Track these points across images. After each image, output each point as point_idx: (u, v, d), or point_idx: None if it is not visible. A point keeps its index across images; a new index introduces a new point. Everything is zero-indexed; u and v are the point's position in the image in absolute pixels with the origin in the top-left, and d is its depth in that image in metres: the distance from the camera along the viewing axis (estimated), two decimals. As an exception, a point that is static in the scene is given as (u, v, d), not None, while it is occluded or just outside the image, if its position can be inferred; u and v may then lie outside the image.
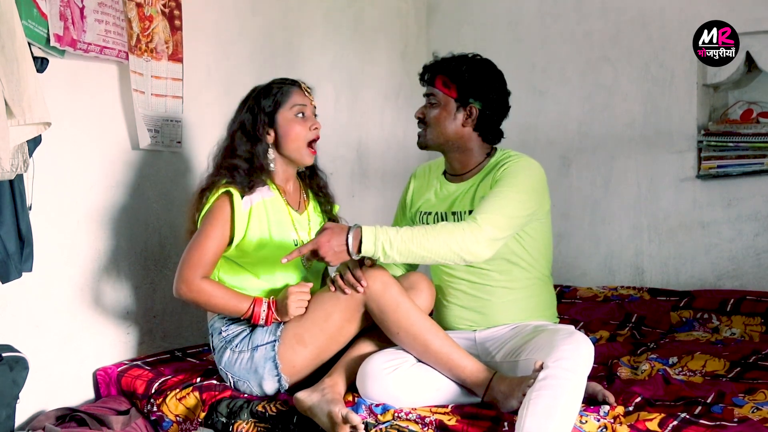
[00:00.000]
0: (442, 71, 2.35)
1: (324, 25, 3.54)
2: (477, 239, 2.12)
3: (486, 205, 2.19)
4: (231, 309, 2.26)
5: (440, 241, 2.10)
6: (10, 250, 2.14)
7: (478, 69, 2.35)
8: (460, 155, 2.40)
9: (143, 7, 2.63)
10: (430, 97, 2.38)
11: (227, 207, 2.27)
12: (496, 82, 2.36)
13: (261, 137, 2.34)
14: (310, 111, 2.39)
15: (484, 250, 2.14)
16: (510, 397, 2.04)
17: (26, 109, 2.07)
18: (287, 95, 2.36)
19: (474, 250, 2.12)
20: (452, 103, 2.34)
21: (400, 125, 3.97)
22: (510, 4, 3.98)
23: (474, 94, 2.33)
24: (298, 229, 2.40)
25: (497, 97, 2.35)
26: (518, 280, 2.34)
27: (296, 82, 2.40)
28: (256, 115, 2.34)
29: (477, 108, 2.33)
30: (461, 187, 2.40)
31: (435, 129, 2.36)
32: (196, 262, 2.23)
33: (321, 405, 2.07)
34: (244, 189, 2.29)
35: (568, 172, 3.82)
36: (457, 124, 2.35)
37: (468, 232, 2.12)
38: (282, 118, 2.35)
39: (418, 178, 2.56)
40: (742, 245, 3.45)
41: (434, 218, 2.41)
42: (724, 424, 1.98)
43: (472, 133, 2.36)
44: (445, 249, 2.11)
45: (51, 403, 2.40)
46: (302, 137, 2.36)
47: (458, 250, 2.11)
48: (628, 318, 3.12)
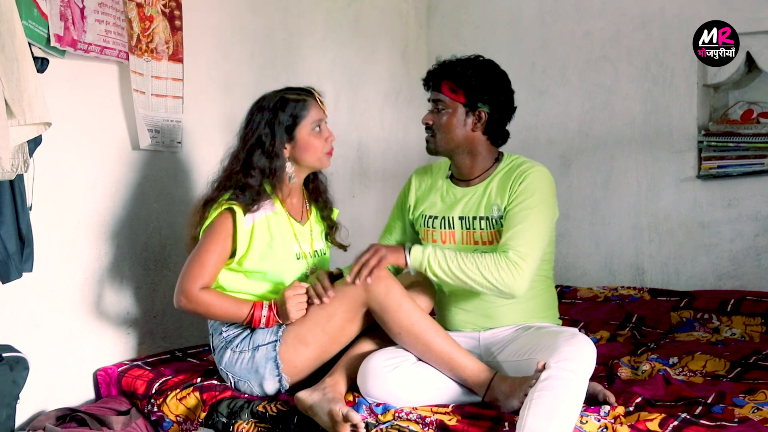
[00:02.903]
0: (448, 76, 2.33)
1: (324, 25, 3.54)
2: (515, 278, 2.17)
3: (520, 236, 2.21)
4: (231, 316, 2.27)
5: (479, 271, 2.17)
6: (11, 250, 2.14)
7: (485, 72, 2.33)
8: (470, 160, 2.38)
9: (143, 7, 2.63)
10: (438, 103, 2.35)
11: (229, 224, 2.27)
12: (503, 84, 2.35)
13: (279, 153, 2.32)
14: (324, 122, 2.38)
15: (522, 289, 2.20)
16: (511, 397, 2.05)
17: (26, 109, 2.07)
18: (306, 110, 2.34)
19: (513, 287, 2.18)
20: (461, 108, 2.32)
21: (400, 125, 3.97)
22: (510, 4, 3.98)
23: (482, 98, 2.31)
24: (301, 241, 2.40)
25: (505, 99, 2.35)
26: None
27: (311, 93, 2.37)
28: (275, 131, 2.32)
29: (486, 112, 2.32)
30: (469, 191, 2.38)
31: (445, 135, 2.34)
32: (196, 275, 2.24)
33: (322, 404, 2.07)
34: (248, 207, 2.28)
35: (568, 172, 3.82)
36: (467, 129, 2.33)
37: (507, 270, 2.17)
38: (301, 134, 2.33)
39: (420, 179, 2.53)
40: (742, 245, 3.45)
41: (441, 223, 2.40)
42: (724, 424, 1.98)
43: (481, 137, 2.35)
44: (482, 279, 2.18)
45: (51, 403, 2.40)
46: (320, 150, 2.36)
47: (496, 284, 2.18)
48: (628, 318, 3.12)
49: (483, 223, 2.34)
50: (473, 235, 2.35)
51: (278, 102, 2.34)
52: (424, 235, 2.46)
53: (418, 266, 2.22)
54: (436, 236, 2.41)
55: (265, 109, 2.34)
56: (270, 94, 2.38)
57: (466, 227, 2.36)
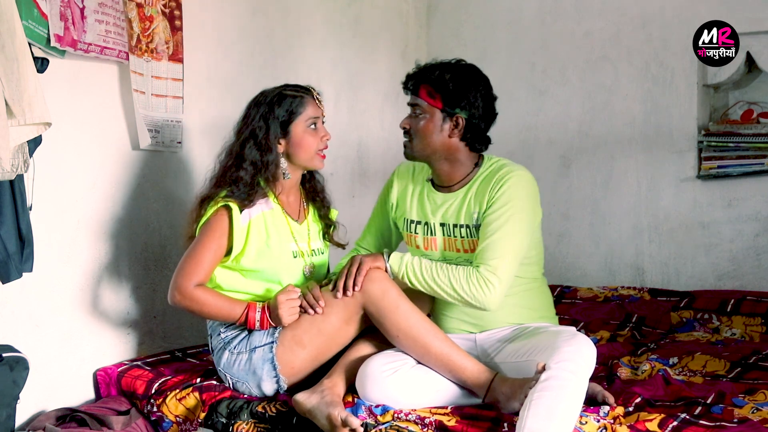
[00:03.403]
0: (426, 81, 2.29)
1: (324, 25, 3.54)
2: (485, 293, 2.18)
3: (492, 248, 2.20)
4: (224, 315, 2.27)
5: (450, 284, 2.19)
6: (11, 250, 2.14)
7: (463, 77, 2.28)
8: (448, 166, 2.34)
9: (144, 7, 2.63)
10: (415, 108, 2.32)
11: (225, 221, 2.27)
12: (482, 89, 2.29)
13: (272, 147, 2.33)
14: (320, 121, 2.38)
15: (494, 303, 2.20)
16: (512, 398, 2.04)
17: (26, 109, 2.07)
18: (302, 106, 2.34)
19: (483, 302, 2.19)
20: (438, 113, 2.28)
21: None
22: (510, 4, 3.98)
23: (460, 104, 2.27)
24: (298, 240, 2.40)
25: (484, 105, 2.29)
26: (516, 284, 2.31)
27: (309, 90, 2.38)
28: (269, 125, 2.32)
29: (463, 118, 2.28)
30: (449, 198, 2.35)
31: (421, 140, 2.31)
32: (191, 271, 2.24)
33: (320, 407, 2.07)
34: (244, 203, 2.28)
35: (568, 172, 3.81)
36: (444, 135, 2.29)
37: (477, 285, 2.18)
38: (295, 130, 2.34)
39: (402, 179, 2.50)
40: (742, 245, 3.45)
41: (424, 228, 2.38)
42: (724, 424, 1.98)
43: (459, 143, 2.31)
44: (452, 292, 2.20)
45: (51, 403, 2.40)
46: (313, 148, 2.35)
47: (467, 298, 2.20)
48: (628, 318, 3.12)
49: (463, 230, 2.32)
50: (455, 243, 2.34)
51: (275, 97, 2.35)
52: (407, 239, 2.45)
53: (396, 272, 2.24)
54: (419, 242, 2.40)
55: (262, 104, 2.35)
56: (269, 90, 2.39)
57: (447, 234, 2.35)
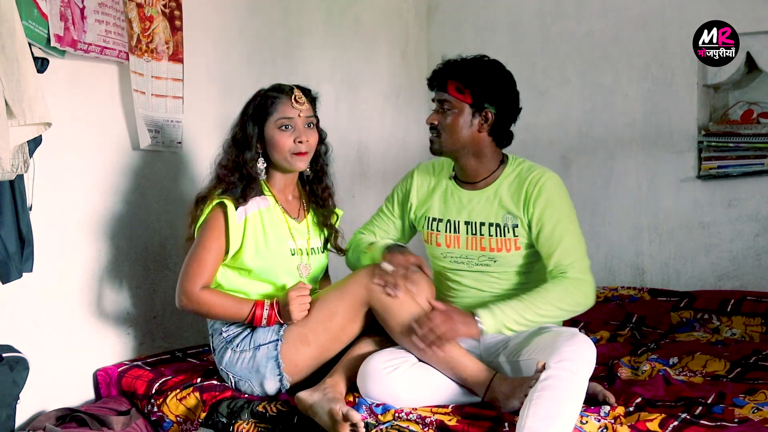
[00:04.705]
0: (454, 76, 2.31)
1: (324, 25, 3.54)
2: (585, 294, 2.26)
3: (568, 252, 2.26)
4: (232, 316, 2.27)
5: (552, 305, 2.22)
6: (11, 251, 2.14)
7: (491, 72, 2.32)
8: (475, 162, 2.36)
9: (144, 7, 2.63)
10: (443, 104, 2.33)
11: (221, 218, 2.27)
12: (509, 84, 2.34)
13: (251, 146, 2.33)
14: (299, 122, 2.33)
15: (593, 299, 2.28)
16: (511, 397, 2.04)
17: (26, 109, 2.07)
18: (275, 107, 2.33)
19: (587, 303, 2.27)
20: (467, 108, 2.30)
21: (400, 125, 3.97)
22: (510, 4, 3.98)
23: (489, 99, 2.29)
24: (296, 237, 2.40)
25: (511, 100, 2.34)
26: (522, 284, 2.33)
27: (289, 91, 2.34)
28: (246, 124, 2.34)
29: (492, 112, 2.30)
30: (476, 195, 2.37)
31: (450, 135, 2.32)
32: (195, 274, 2.24)
33: (322, 403, 2.08)
34: (238, 200, 2.29)
35: (568, 172, 3.81)
36: (473, 130, 2.31)
37: (576, 291, 2.24)
38: (267, 129, 2.34)
39: (422, 176, 2.50)
40: (742, 245, 3.45)
41: (446, 226, 2.39)
42: (724, 424, 1.98)
43: (487, 137, 2.33)
44: (559, 312, 2.24)
45: (51, 403, 2.40)
46: (286, 149, 2.33)
47: (574, 308, 2.26)
48: (628, 318, 3.12)
49: (492, 229, 2.33)
50: (480, 241, 2.35)
51: (257, 96, 2.37)
52: (427, 237, 2.45)
53: (495, 332, 2.21)
54: (440, 240, 2.41)
55: (248, 103, 2.38)
56: (261, 89, 2.41)
57: (472, 233, 2.35)
